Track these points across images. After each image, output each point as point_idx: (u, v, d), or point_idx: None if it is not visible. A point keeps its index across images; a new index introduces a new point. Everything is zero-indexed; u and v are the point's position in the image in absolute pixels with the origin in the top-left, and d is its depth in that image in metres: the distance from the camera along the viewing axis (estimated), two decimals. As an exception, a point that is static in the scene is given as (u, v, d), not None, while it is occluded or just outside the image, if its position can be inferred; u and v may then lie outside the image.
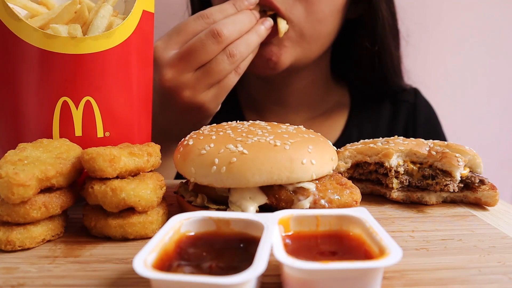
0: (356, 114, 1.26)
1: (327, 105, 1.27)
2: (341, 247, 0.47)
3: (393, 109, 1.28)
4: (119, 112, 0.68)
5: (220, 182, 0.57)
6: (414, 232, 0.60)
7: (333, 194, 0.60)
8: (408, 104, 1.29)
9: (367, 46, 1.13)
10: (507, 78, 1.77)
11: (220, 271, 0.41)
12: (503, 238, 0.58)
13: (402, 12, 1.18)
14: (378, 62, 1.16)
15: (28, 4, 0.66)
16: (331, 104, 1.28)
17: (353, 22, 1.13)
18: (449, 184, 0.69)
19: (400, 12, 1.18)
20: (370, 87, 1.25)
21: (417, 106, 1.29)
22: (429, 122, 1.31)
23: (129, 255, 0.52)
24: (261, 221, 0.47)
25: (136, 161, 0.57)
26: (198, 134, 0.66)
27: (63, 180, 0.55)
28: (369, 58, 1.16)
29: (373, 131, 1.23)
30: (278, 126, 0.69)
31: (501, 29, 1.72)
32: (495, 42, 1.73)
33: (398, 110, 1.28)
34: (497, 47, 1.74)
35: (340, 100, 1.29)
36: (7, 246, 0.51)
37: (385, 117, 1.27)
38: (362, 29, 1.14)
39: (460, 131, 1.73)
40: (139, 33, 0.68)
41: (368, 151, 0.77)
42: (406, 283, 0.46)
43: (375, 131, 1.24)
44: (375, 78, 1.21)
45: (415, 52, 1.41)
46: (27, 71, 0.62)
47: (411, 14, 1.26)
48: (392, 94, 1.27)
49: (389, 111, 1.28)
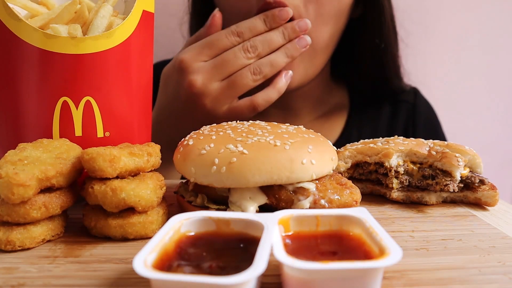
0: (355, 115, 1.26)
1: (327, 107, 1.27)
2: (341, 247, 0.47)
3: (393, 109, 1.28)
4: (119, 112, 0.68)
5: (220, 182, 0.57)
6: (414, 232, 0.60)
7: (333, 194, 0.60)
8: (407, 104, 1.29)
9: (371, 45, 1.13)
10: (507, 78, 1.77)
11: (220, 271, 0.41)
12: (503, 238, 0.58)
13: (402, 14, 1.18)
14: (380, 62, 1.16)
15: (28, 4, 0.66)
16: (331, 106, 1.27)
17: (354, 22, 1.13)
18: (449, 184, 0.69)
19: (401, 13, 1.18)
20: (370, 88, 1.25)
21: (416, 106, 1.29)
22: (429, 122, 1.30)
23: (129, 255, 0.52)
24: (261, 221, 0.47)
25: (136, 161, 0.57)
26: (198, 134, 0.66)
27: (63, 180, 0.55)
28: (371, 58, 1.16)
29: (372, 132, 1.23)
30: (278, 126, 0.69)
31: (501, 28, 1.72)
32: (495, 42, 1.73)
33: (397, 110, 1.28)
34: (497, 47, 1.74)
35: (339, 101, 1.29)
36: (7, 246, 0.51)
37: (385, 118, 1.27)
38: (366, 29, 1.13)
39: (460, 131, 1.73)
40: (139, 33, 0.68)
41: (368, 151, 0.77)
42: (406, 283, 0.46)
43: (374, 132, 1.23)
44: (376, 78, 1.20)
45: (416, 53, 1.41)
46: (27, 71, 0.62)
47: (411, 15, 1.26)
48: (392, 94, 1.27)
49: (388, 111, 1.28)
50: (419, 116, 1.28)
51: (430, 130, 1.29)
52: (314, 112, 1.25)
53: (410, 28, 1.24)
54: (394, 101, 1.28)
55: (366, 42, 1.15)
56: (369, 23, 1.12)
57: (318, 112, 1.26)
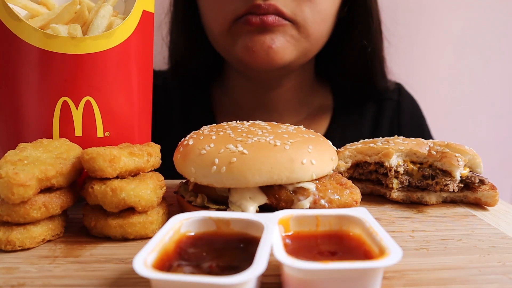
0: (339, 116, 1.25)
1: (310, 108, 1.26)
2: (341, 247, 0.47)
3: (377, 108, 1.27)
4: (119, 112, 0.68)
5: (220, 182, 0.57)
6: (414, 232, 0.60)
7: (333, 194, 0.60)
8: (392, 102, 1.28)
9: (358, 45, 1.12)
10: (508, 78, 1.77)
11: (220, 271, 0.41)
12: (503, 238, 0.58)
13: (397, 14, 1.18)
14: (367, 63, 1.15)
15: (28, 4, 0.66)
16: (314, 107, 1.26)
17: (341, 22, 1.12)
18: (449, 184, 0.69)
19: (393, 13, 1.17)
20: (355, 89, 1.23)
21: (401, 103, 1.28)
22: (414, 118, 1.30)
23: (129, 255, 0.52)
24: (261, 221, 0.47)
25: (136, 161, 0.57)
26: (198, 134, 0.66)
27: (63, 180, 0.55)
28: (358, 59, 1.15)
29: (357, 132, 1.22)
30: (278, 126, 0.69)
31: (500, 28, 1.72)
32: (495, 42, 1.73)
33: (382, 108, 1.27)
34: (497, 47, 1.74)
35: (323, 102, 1.28)
36: (7, 246, 0.52)
37: (369, 117, 1.26)
38: (353, 29, 1.13)
39: (460, 130, 1.73)
40: (139, 33, 0.68)
41: (368, 151, 0.77)
42: (406, 283, 0.46)
43: (359, 132, 1.23)
44: (362, 79, 1.19)
45: (416, 53, 1.41)
46: (27, 71, 0.62)
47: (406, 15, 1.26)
48: (376, 94, 1.26)
49: (373, 110, 1.27)
50: (404, 113, 1.28)
51: (415, 125, 1.29)
52: (298, 113, 1.24)
53: (411, 29, 1.24)
54: (378, 99, 1.27)
55: (352, 43, 1.14)
56: (356, 24, 1.12)
57: (302, 114, 1.24)
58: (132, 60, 0.68)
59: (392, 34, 1.19)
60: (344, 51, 1.18)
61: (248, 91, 1.21)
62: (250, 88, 1.21)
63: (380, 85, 1.22)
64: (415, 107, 1.32)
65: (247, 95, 1.22)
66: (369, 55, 1.14)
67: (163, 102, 1.23)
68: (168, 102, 1.27)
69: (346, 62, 1.19)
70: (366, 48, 1.12)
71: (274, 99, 1.20)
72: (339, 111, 1.26)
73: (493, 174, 0.84)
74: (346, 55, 1.18)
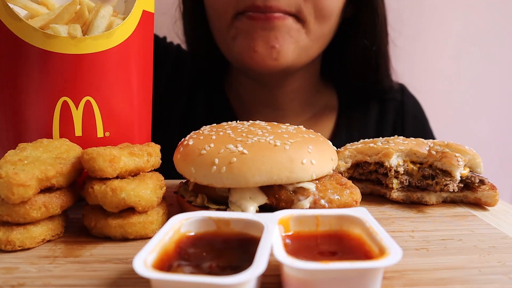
0: (344, 116, 1.25)
1: (315, 108, 1.26)
2: (341, 247, 0.47)
3: (381, 108, 1.28)
4: (119, 112, 0.68)
5: (220, 182, 0.57)
6: (414, 232, 0.60)
7: (333, 194, 0.60)
8: (395, 102, 1.28)
9: (364, 45, 1.12)
10: (508, 78, 1.77)
11: (220, 271, 0.41)
12: (503, 238, 0.58)
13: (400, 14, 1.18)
14: (372, 63, 1.15)
15: (28, 4, 0.66)
16: (319, 107, 1.27)
17: (346, 22, 1.12)
18: (449, 184, 0.69)
19: (398, 14, 1.17)
20: (360, 89, 1.24)
21: (404, 103, 1.29)
22: (417, 119, 1.30)
23: (129, 255, 0.52)
24: (261, 221, 0.47)
25: (136, 161, 0.57)
26: (198, 134, 0.66)
27: (63, 180, 0.55)
28: (363, 59, 1.15)
29: (362, 132, 1.23)
30: (278, 126, 0.69)
31: (500, 28, 1.72)
32: (495, 42, 1.73)
33: (386, 108, 1.27)
34: (497, 48, 1.74)
35: (328, 102, 1.28)
36: (7, 246, 0.51)
37: (373, 117, 1.27)
38: (359, 30, 1.13)
39: (459, 130, 1.73)
40: (139, 33, 0.68)
41: (368, 151, 0.77)
42: (406, 283, 0.46)
43: (364, 132, 1.23)
44: (367, 79, 1.20)
45: (417, 53, 1.41)
46: (27, 71, 0.62)
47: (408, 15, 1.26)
48: (380, 93, 1.27)
49: (377, 110, 1.27)
50: (407, 114, 1.28)
51: (418, 127, 1.29)
52: (303, 114, 1.25)
53: (412, 30, 1.24)
54: (382, 99, 1.28)
55: (358, 43, 1.14)
56: (362, 24, 1.12)
57: (307, 114, 1.25)
58: (132, 60, 0.68)
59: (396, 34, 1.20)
60: (349, 51, 1.18)
61: (252, 89, 1.22)
62: (254, 87, 1.22)
63: (385, 84, 1.22)
64: (419, 110, 1.33)
65: (252, 92, 1.23)
66: (374, 55, 1.14)
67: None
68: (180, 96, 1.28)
69: (351, 62, 1.19)
70: (371, 48, 1.12)
71: (278, 98, 1.21)
72: (344, 110, 1.26)
73: (493, 174, 0.84)
74: (351, 55, 1.18)
